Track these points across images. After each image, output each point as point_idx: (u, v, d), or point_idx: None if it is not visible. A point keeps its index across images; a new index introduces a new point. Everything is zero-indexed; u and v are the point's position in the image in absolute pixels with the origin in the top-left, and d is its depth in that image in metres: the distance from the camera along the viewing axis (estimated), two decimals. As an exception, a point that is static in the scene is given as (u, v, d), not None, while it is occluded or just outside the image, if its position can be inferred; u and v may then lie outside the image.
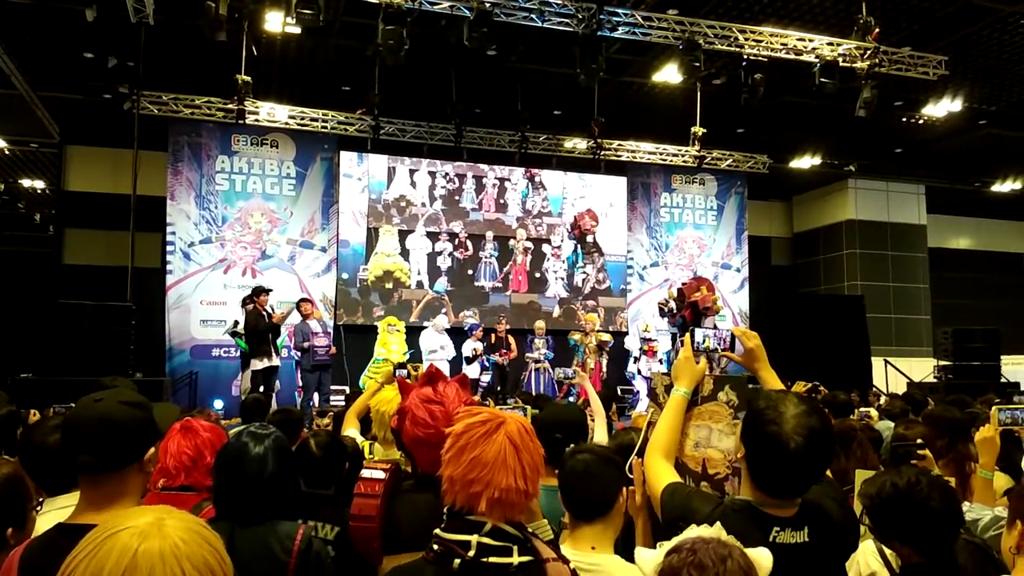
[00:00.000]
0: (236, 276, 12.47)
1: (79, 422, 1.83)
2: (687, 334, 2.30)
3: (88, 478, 1.81)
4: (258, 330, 9.85)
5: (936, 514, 2.07)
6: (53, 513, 2.30)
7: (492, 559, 1.55)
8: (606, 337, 12.85)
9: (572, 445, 2.43)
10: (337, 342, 11.39)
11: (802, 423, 1.73)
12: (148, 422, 1.86)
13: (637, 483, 2.18)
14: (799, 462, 1.73)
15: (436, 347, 11.98)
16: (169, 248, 12.22)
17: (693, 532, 1.34)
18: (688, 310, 11.57)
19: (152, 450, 1.85)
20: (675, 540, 1.32)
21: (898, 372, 13.93)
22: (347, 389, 11.14)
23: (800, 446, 1.71)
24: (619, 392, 12.54)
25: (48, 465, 2.37)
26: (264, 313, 9.97)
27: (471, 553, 1.55)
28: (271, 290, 10.54)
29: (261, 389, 9.60)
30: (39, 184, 16.06)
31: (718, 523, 1.35)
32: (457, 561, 1.55)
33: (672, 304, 11.99)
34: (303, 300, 10.93)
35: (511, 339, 12.37)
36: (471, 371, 11.76)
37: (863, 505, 2.24)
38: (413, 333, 12.29)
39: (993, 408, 3.28)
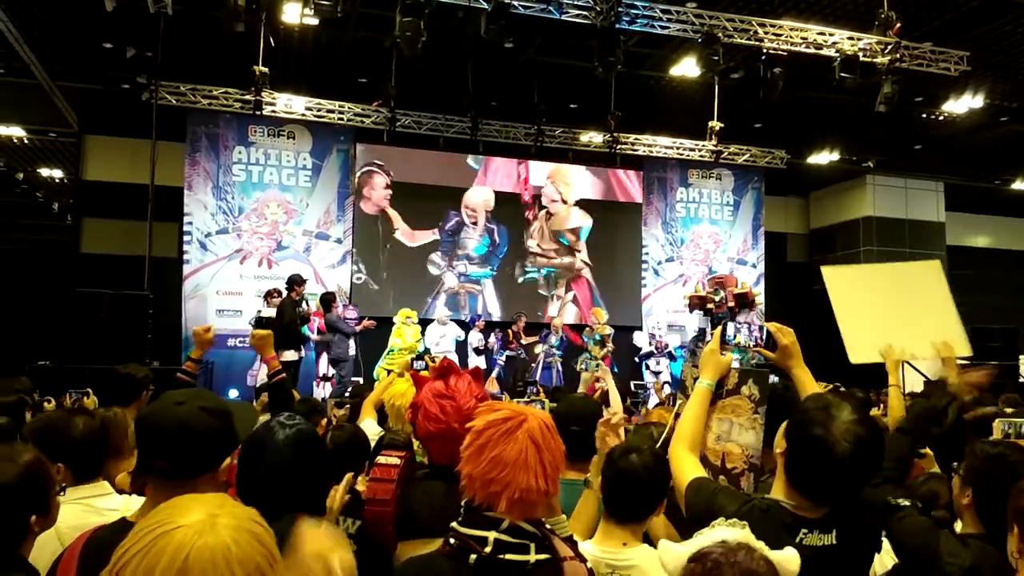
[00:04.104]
0: (252, 267, 12.54)
1: (156, 425, 1.76)
2: (719, 327, 2.29)
3: (159, 482, 1.75)
4: (293, 320, 9.85)
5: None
6: (76, 502, 2.32)
7: (509, 556, 1.54)
8: (608, 331, 12.82)
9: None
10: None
11: (851, 430, 1.70)
12: (227, 432, 1.80)
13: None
14: (843, 469, 1.70)
15: (437, 338, 12.01)
16: (186, 238, 12.30)
17: (719, 532, 1.29)
18: (735, 300, 11.51)
19: (228, 460, 1.80)
20: (700, 542, 1.28)
21: (915, 371, 13.80)
22: (360, 379, 11.19)
23: (847, 452, 1.68)
24: (632, 387, 12.52)
25: (72, 456, 2.39)
26: (297, 303, 10.07)
27: (488, 549, 1.54)
28: (307, 280, 10.71)
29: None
30: (57, 173, 16.17)
31: (747, 528, 1.31)
32: (473, 557, 1.54)
33: (723, 293, 11.84)
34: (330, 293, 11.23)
35: (524, 338, 12.48)
36: (479, 363, 11.80)
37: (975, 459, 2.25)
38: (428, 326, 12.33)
39: (996, 421, 3.26)
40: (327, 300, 11.09)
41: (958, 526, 2.35)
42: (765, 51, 9.95)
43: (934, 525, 2.19)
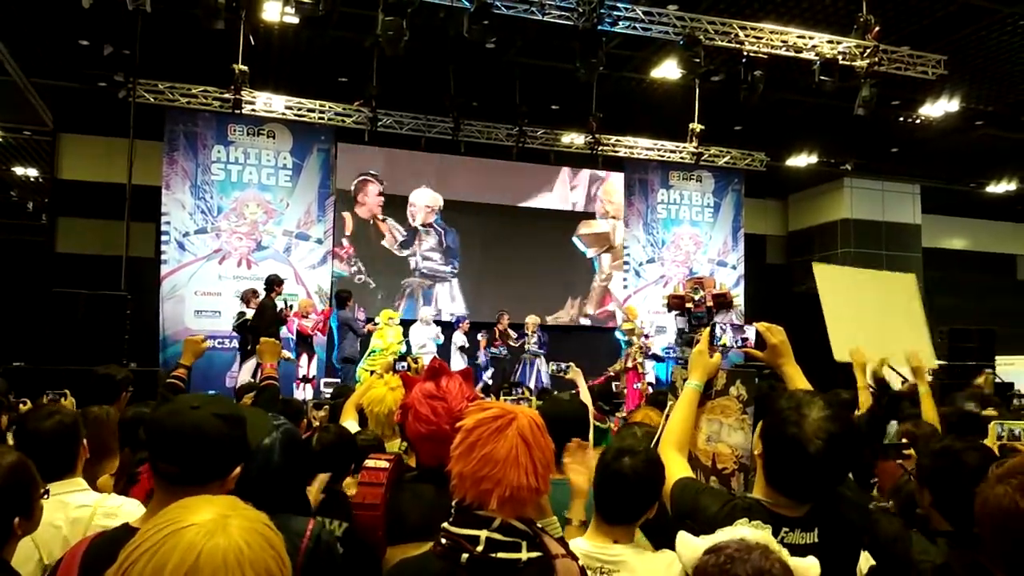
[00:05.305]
0: (231, 267, 12.42)
1: (168, 428, 1.70)
2: (707, 328, 2.29)
3: (166, 488, 1.69)
4: (274, 321, 9.82)
5: (972, 471, 2.02)
6: (58, 499, 2.28)
7: (501, 555, 1.54)
8: (628, 326, 12.74)
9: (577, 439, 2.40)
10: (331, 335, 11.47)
11: (823, 427, 1.72)
12: (240, 440, 1.75)
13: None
14: (817, 465, 1.72)
15: (425, 340, 12.00)
16: (164, 238, 12.16)
17: (740, 531, 1.29)
18: (713, 301, 11.59)
19: (238, 470, 1.75)
20: (720, 537, 1.28)
21: (893, 371, 13.92)
22: (339, 380, 11.16)
23: (820, 450, 1.70)
24: (614, 388, 12.52)
25: (44, 452, 2.35)
26: (277, 304, 10.03)
27: (479, 548, 1.53)
28: (285, 280, 10.74)
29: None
30: (32, 172, 15.91)
31: (768, 531, 1.31)
32: (465, 556, 1.53)
33: (702, 292, 11.89)
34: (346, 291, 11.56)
35: (511, 333, 12.49)
36: (463, 363, 11.80)
37: (925, 458, 2.26)
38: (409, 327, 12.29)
39: (992, 423, 3.32)
40: (342, 298, 11.15)
41: None
42: (745, 54, 10.01)
43: (904, 525, 2.21)
